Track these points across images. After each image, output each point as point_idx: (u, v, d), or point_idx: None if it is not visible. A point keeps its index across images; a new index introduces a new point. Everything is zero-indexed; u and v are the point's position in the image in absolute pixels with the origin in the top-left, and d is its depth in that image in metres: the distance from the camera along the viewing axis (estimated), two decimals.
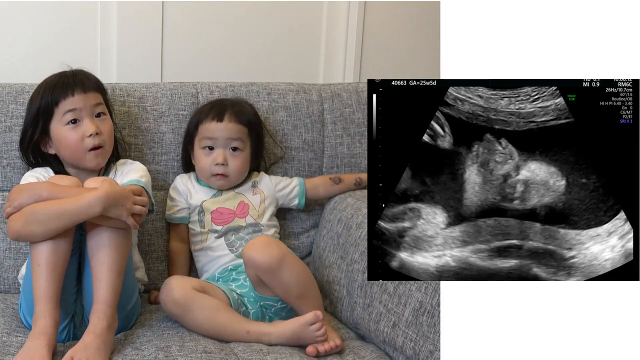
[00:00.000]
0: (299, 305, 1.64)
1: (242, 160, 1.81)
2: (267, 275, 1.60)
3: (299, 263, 1.65)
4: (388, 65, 2.39)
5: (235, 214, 1.81)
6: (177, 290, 1.58)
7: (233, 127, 1.79)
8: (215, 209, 1.80)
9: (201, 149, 1.80)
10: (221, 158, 1.78)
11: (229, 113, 1.80)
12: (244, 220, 1.80)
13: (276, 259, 1.58)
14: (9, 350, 1.46)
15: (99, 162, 1.67)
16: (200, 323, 1.56)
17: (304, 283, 1.63)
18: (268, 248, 1.59)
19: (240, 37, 2.24)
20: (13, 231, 1.50)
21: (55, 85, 1.64)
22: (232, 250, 1.77)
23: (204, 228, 1.80)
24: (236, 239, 1.78)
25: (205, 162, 1.80)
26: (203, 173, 1.81)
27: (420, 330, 1.46)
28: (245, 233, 1.79)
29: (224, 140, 1.79)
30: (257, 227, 1.80)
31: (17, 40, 2.04)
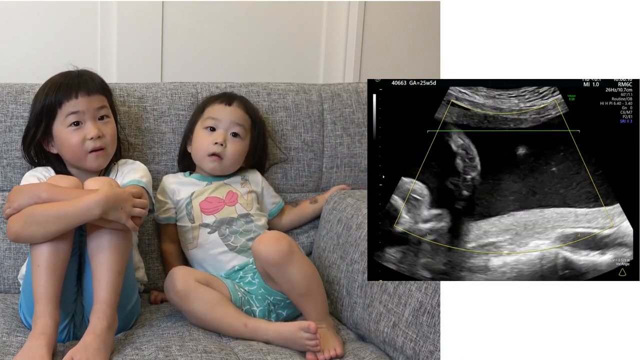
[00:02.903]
0: (302, 304, 1.64)
1: (240, 147, 1.82)
2: (274, 269, 1.61)
3: (307, 262, 1.66)
4: (388, 65, 2.39)
5: (224, 202, 1.80)
6: (179, 280, 1.60)
7: (239, 113, 1.82)
8: (204, 199, 1.80)
9: (203, 128, 1.81)
10: (221, 138, 1.79)
11: (238, 100, 1.85)
12: (234, 209, 1.79)
13: (284, 254, 1.59)
14: (9, 350, 1.46)
15: (99, 163, 1.67)
16: (199, 314, 1.58)
17: (309, 282, 1.63)
18: (278, 243, 1.60)
19: (240, 37, 2.24)
20: (12, 232, 1.50)
21: (59, 85, 1.64)
22: (229, 245, 1.76)
23: (194, 222, 1.79)
24: (231, 233, 1.77)
25: (203, 141, 1.80)
26: (199, 152, 1.81)
27: (420, 330, 1.46)
28: (239, 225, 1.78)
29: (228, 123, 1.80)
30: (248, 217, 1.80)
31: (17, 40, 2.04)
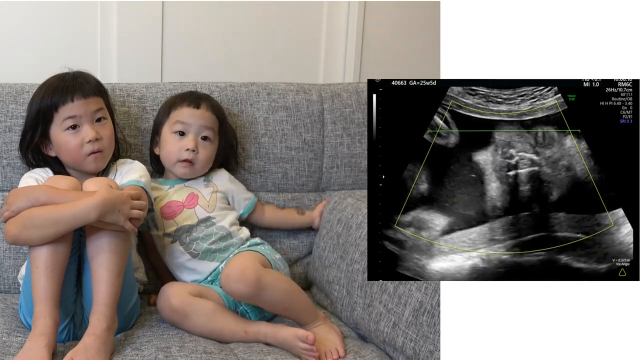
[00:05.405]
0: (289, 315, 1.65)
1: (210, 151, 1.79)
2: (249, 300, 1.62)
3: (279, 279, 1.64)
4: (388, 65, 2.39)
5: (183, 205, 1.76)
6: (173, 297, 1.58)
7: (209, 116, 1.79)
8: (164, 204, 1.76)
9: (172, 133, 1.77)
10: (192, 144, 1.75)
11: (205, 103, 1.80)
12: (193, 212, 1.75)
13: (253, 285, 1.57)
14: (9, 350, 1.46)
15: (98, 165, 1.67)
16: (199, 328, 1.56)
17: (287, 296, 1.62)
18: (243, 275, 1.57)
19: (240, 37, 2.23)
20: (10, 235, 1.50)
21: (55, 89, 1.63)
22: (192, 252, 1.73)
23: (158, 230, 1.76)
24: (191, 240, 1.74)
25: (173, 147, 1.76)
26: (169, 158, 1.77)
27: (420, 330, 1.46)
28: (199, 231, 1.74)
29: (197, 127, 1.77)
30: (208, 221, 1.75)
31: (17, 40, 2.04)
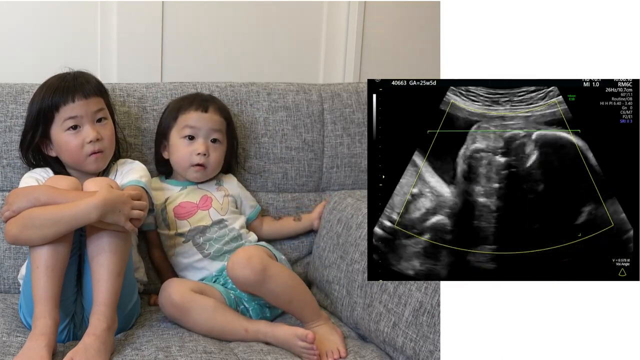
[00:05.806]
0: (291, 310, 1.65)
1: (221, 153, 1.80)
2: (253, 289, 1.61)
3: (284, 272, 1.65)
4: (388, 65, 2.39)
5: (198, 207, 1.78)
6: (175, 293, 1.58)
7: (217, 119, 1.79)
8: (177, 204, 1.78)
9: (181, 138, 1.78)
10: (203, 148, 1.76)
11: (212, 106, 1.81)
12: (207, 213, 1.77)
13: (259, 273, 1.58)
14: (9, 350, 1.46)
15: (99, 165, 1.67)
16: (200, 324, 1.57)
17: (291, 289, 1.63)
18: (250, 263, 1.58)
19: (240, 37, 2.23)
20: (10, 236, 1.50)
21: (56, 89, 1.63)
22: (203, 252, 1.75)
23: (170, 230, 1.77)
24: (204, 241, 1.75)
25: (185, 152, 1.77)
26: (181, 163, 1.79)
27: (420, 330, 1.46)
28: (212, 232, 1.76)
29: (207, 130, 1.78)
30: (222, 223, 1.77)
31: (17, 40, 2.04)
